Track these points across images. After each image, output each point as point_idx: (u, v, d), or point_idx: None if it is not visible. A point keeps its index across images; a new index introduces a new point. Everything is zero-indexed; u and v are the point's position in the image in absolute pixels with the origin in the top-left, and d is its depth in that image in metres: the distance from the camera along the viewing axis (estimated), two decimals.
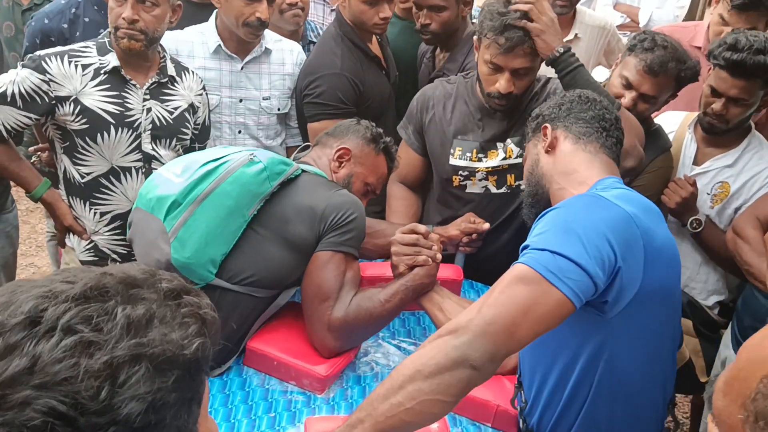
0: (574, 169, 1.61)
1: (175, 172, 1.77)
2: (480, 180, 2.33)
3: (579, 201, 1.45)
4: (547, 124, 1.70)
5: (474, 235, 2.24)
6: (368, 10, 2.60)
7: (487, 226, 2.23)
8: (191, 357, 0.68)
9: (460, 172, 2.34)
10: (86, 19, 2.66)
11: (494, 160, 2.29)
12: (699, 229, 2.33)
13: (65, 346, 0.62)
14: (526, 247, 1.37)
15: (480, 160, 2.31)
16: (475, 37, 2.23)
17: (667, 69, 2.23)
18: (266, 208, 1.78)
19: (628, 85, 2.27)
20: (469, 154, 2.32)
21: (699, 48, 2.91)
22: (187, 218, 1.71)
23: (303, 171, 1.88)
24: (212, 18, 2.58)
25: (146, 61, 2.25)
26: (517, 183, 2.30)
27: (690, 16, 4.50)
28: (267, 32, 2.59)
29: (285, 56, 2.66)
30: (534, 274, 1.27)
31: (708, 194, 2.37)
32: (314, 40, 3.01)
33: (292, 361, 1.75)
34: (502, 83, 2.14)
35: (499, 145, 2.29)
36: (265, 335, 1.82)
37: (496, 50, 2.09)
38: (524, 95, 2.25)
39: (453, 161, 2.34)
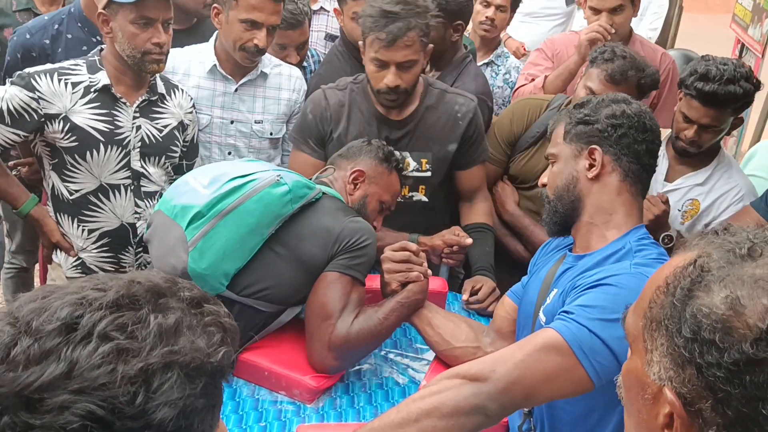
0: (614, 210, 1.56)
1: (202, 183, 1.80)
2: None
3: (637, 285, 1.35)
4: (597, 147, 1.57)
5: (455, 247, 2.29)
6: (357, 28, 2.70)
7: (470, 241, 2.28)
8: (217, 365, 0.71)
9: None
10: (69, 36, 2.63)
11: None
12: (671, 245, 2.42)
13: (103, 353, 0.65)
14: (566, 311, 1.39)
15: None
16: (360, 43, 2.27)
17: (628, 77, 2.35)
18: (284, 227, 1.82)
19: (593, 95, 2.38)
20: None
21: None
22: (208, 230, 1.74)
23: (323, 194, 1.92)
24: (212, 39, 2.59)
25: (141, 79, 2.26)
26: (410, 194, 2.38)
27: (663, 37, 4.65)
28: (267, 56, 2.58)
29: (282, 81, 2.65)
30: (566, 347, 1.33)
31: (679, 210, 2.46)
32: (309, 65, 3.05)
33: (283, 371, 1.78)
34: (389, 77, 2.17)
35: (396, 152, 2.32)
36: (254, 347, 1.85)
37: (378, 45, 2.13)
38: (416, 103, 2.31)
39: None
